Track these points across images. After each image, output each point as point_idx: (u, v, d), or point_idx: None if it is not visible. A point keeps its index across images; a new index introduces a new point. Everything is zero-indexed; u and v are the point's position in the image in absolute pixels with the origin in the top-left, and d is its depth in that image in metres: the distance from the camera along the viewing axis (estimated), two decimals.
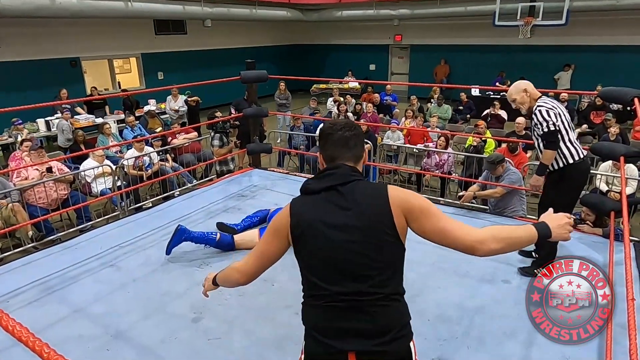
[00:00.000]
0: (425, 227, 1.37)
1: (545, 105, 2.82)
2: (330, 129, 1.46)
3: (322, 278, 1.37)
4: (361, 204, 1.35)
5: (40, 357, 0.69)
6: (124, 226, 3.95)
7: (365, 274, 1.33)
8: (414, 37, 14.88)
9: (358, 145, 1.46)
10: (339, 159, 1.43)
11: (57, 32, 9.86)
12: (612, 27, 11.73)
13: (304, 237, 1.39)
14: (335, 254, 1.34)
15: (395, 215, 1.34)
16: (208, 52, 13.54)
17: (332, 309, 1.35)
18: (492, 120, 8.61)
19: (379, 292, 1.33)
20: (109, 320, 2.64)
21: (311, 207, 1.40)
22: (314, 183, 1.44)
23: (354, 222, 1.34)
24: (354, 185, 1.39)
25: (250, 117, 5.33)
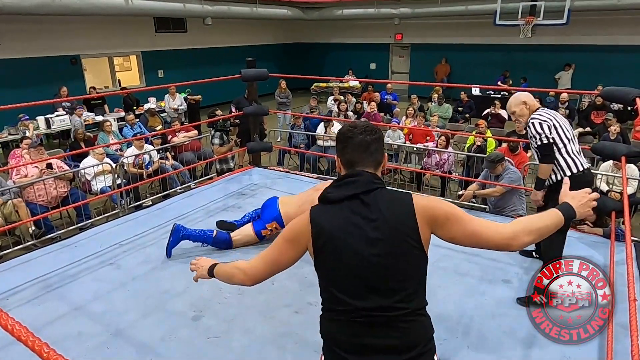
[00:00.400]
0: (454, 232, 1.33)
1: (539, 117, 2.76)
2: (350, 132, 1.37)
3: (344, 292, 1.31)
4: (386, 215, 1.29)
5: (40, 356, 0.69)
6: (123, 224, 3.95)
7: (390, 288, 1.29)
8: (414, 36, 14.86)
9: (379, 150, 1.39)
10: (359, 164, 1.36)
11: (57, 30, 9.85)
12: (612, 27, 11.72)
13: (327, 249, 1.33)
14: (359, 267, 1.29)
15: (420, 226, 1.30)
16: (208, 50, 13.53)
17: (355, 324, 1.31)
18: (493, 120, 8.60)
19: (405, 307, 1.29)
20: (108, 319, 2.64)
21: (334, 217, 1.33)
22: (334, 191, 1.37)
23: (378, 234, 1.28)
24: (377, 193, 1.33)
25: (251, 116, 5.32)
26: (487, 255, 3.34)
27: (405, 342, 1.30)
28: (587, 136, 7.53)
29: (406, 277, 1.30)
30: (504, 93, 11.28)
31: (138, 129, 7.38)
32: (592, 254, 3.31)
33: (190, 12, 11.16)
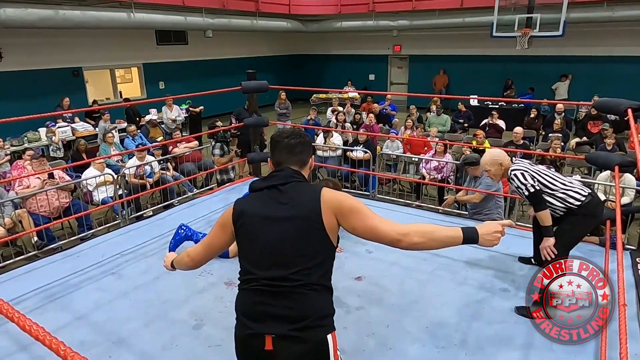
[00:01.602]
0: (355, 224, 1.46)
1: (518, 169, 2.80)
2: (278, 137, 1.61)
3: (253, 264, 1.48)
4: (296, 200, 1.48)
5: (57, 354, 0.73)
6: (125, 234, 3.99)
7: (290, 261, 1.43)
8: (412, 47, 15.03)
9: (304, 152, 1.60)
10: (284, 163, 1.58)
11: (59, 42, 9.97)
12: (608, 38, 11.88)
13: (242, 229, 1.52)
14: (266, 242, 1.46)
15: (324, 214, 1.45)
16: (209, 62, 13.67)
17: (257, 292, 1.45)
18: (491, 130, 8.68)
19: (300, 279, 1.42)
20: (110, 327, 2.67)
21: (252, 202, 1.55)
22: (259, 182, 1.60)
23: (287, 214, 1.46)
24: (294, 185, 1.52)
25: (251, 127, 5.39)
26: (485, 264, 3.39)
27: (295, 312, 1.41)
28: (584, 146, 7.59)
29: (305, 254, 1.44)
30: (502, 103, 11.39)
31: (139, 140, 7.45)
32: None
33: (191, 25, 11.30)
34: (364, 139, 6.72)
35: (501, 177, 2.97)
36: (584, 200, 2.74)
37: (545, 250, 2.71)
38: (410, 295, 3.00)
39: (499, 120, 8.87)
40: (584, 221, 2.79)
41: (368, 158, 6.47)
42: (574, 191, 2.78)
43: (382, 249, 3.54)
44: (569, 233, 2.78)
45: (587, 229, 2.91)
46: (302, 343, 1.41)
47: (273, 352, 1.42)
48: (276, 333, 1.41)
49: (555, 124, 8.07)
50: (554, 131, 7.83)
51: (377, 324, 2.73)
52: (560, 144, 6.40)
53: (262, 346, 1.42)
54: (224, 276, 3.24)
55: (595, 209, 2.80)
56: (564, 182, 2.81)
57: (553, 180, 2.81)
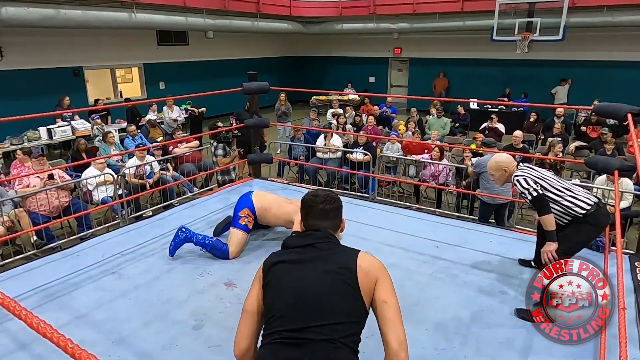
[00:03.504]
0: (376, 307, 1.45)
1: (521, 174, 2.81)
2: (312, 202, 1.58)
3: (277, 316, 1.42)
4: (331, 256, 1.46)
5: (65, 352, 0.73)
6: (125, 234, 3.99)
7: (317, 314, 1.38)
8: (413, 50, 15.07)
9: (337, 217, 1.60)
10: (319, 227, 1.57)
11: (60, 42, 9.98)
12: (608, 43, 11.92)
13: (270, 283, 1.47)
14: (295, 292, 1.41)
15: (359, 274, 1.43)
16: (209, 63, 13.69)
17: (278, 346, 1.39)
18: (490, 134, 8.69)
19: (325, 334, 1.36)
20: (110, 327, 2.67)
21: (283, 258, 1.50)
22: (293, 240, 1.56)
23: (320, 268, 1.43)
24: (330, 244, 1.51)
25: (252, 128, 5.40)
26: (485, 267, 3.39)
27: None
28: (583, 150, 7.61)
29: (334, 309, 1.39)
30: (502, 107, 11.42)
31: (140, 140, 7.45)
32: None
33: (192, 26, 11.32)
34: (364, 141, 6.73)
35: (505, 182, 2.97)
36: (590, 209, 2.72)
37: (546, 254, 2.71)
38: (410, 297, 3.00)
39: (499, 124, 8.89)
40: (588, 230, 2.78)
41: (368, 160, 6.48)
42: (580, 199, 2.75)
43: (382, 251, 3.56)
44: (571, 240, 2.77)
45: (590, 237, 2.90)
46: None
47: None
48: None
49: (555, 128, 8.09)
50: (554, 135, 7.85)
51: (376, 325, 2.72)
52: (561, 148, 6.42)
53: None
54: (224, 277, 3.24)
55: (601, 219, 2.77)
56: (570, 190, 2.79)
57: (558, 187, 2.80)
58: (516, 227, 4.69)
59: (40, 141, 8.24)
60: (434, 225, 4.22)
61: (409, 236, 3.92)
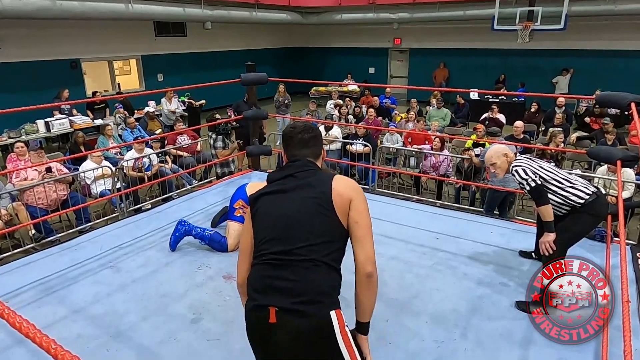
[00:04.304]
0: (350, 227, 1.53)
1: (520, 165, 2.78)
2: (290, 133, 1.67)
3: (264, 242, 1.53)
4: (310, 183, 1.55)
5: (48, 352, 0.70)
6: (123, 227, 3.97)
7: (298, 236, 1.48)
8: (413, 40, 14.94)
9: (317, 145, 1.68)
10: (299, 157, 1.64)
11: (57, 34, 9.88)
12: (610, 32, 11.80)
13: (256, 212, 1.59)
14: (277, 217, 1.53)
15: (334, 197, 1.51)
16: (208, 55, 13.57)
17: (265, 266, 1.50)
18: (491, 124, 8.61)
19: (305, 255, 1.46)
20: (108, 321, 2.65)
21: (266, 189, 1.62)
22: (275, 174, 1.66)
23: (299, 194, 1.54)
24: (309, 172, 1.60)
25: (250, 120, 5.35)
26: (485, 259, 3.37)
27: (299, 286, 1.44)
28: (584, 141, 7.56)
29: (312, 231, 1.49)
30: (502, 97, 11.34)
31: (138, 132, 7.40)
32: (588, 257, 3.33)
33: (190, 17, 11.20)
34: (364, 133, 6.69)
35: (506, 171, 2.93)
36: (588, 199, 2.70)
37: (544, 245, 2.69)
38: (409, 289, 2.98)
39: (499, 115, 8.82)
40: (586, 220, 2.75)
41: (368, 151, 6.44)
42: (578, 189, 2.73)
43: (382, 243, 3.54)
44: (570, 230, 2.75)
45: (589, 227, 2.88)
46: (305, 317, 1.41)
47: (277, 324, 1.42)
48: (279, 306, 1.42)
49: (556, 118, 8.03)
50: (555, 125, 7.80)
51: (376, 318, 2.68)
52: (562, 139, 6.37)
53: (266, 319, 1.43)
54: (223, 270, 3.22)
55: (600, 209, 2.75)
56: (569, 180, 2.77)
57: (557, 177, 2.77)
58: (517, 218, 4.67)
59: (38, 134, 8.17)
60: (434, 216, 4.20)
61: (409, 228, 3.90)
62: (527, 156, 2.96)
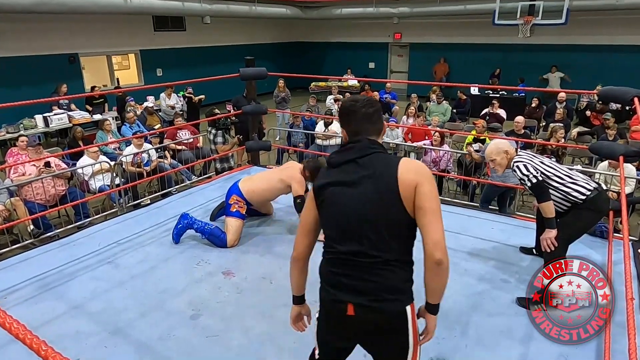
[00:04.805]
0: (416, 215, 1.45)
1: (520, 160, 2.76)
2: (353, 107, 1.55)
3: (332, 238, 1.52)
4: (374, 173, 1.46)
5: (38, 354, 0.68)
6: (122, 223, 3.95)
7: (368, 235, 1.44)
8: (413, 35, 14.86)
9: (380, 120, 1.58)
10: (362, 133, 1.53)
11: (55, 28, 9.81)
12: (611, 27, 11.74)
13: (323, 204, 1.54)
14: (345, 214, 1.47)
15: (401, 185, 1.43)
16: (207, 49, 13.49)
17: (337, 263, 1.50)
18: (491, 119, 8.59)
19: (377, 255, 1.43)
20: (106, 317, 2.64)
21: (331, 178, 1.53)
22: (336, 157, 1.57)
23: (366, 184, 1.46)
24: (372, 157, 1.50)
25: (250, 115, 5.32)
26: (486, 255, 3.35)
27: (373, 287, 1.44)
28: (585, 136, 7.53)
29: (382, 227, 1.44)
30: (503, 92, 11.30)
31: (137, 127, 7.36)
32: (590, 253, 3.32)
33: (189, 11, 11.13)
34: None
35: (506, 167, 2.91)
36: (589, 195, 2.68)
37: (545, 241, 2.67)
38: None
39: (500, 110, 8.79)
40: (588, 215, 2.74)
41: None
42: (579, 185, 2.71)
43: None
44: (571, 226, 2.73)
45: (590, 223, 2.86)
46: (382, 313, 1.44)
47: (354, 317, 1.46)
48: (356, 302, 1.45)
49: (557, 113, 8.00)
50: (556, 121, 7.76)
51: None
52: (563, 134, 6.34)
53: (344, 311, 1.46)
54: (222, 266, 3.20)
55: (601, 204, 2.73)
56: (570, 176, 2.74)
57: (558, 173, 2.75)
58: (517, 214, 4.65)
59: (37, 129, 8.13)
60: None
61: None
62: (529, 152, 2.93)
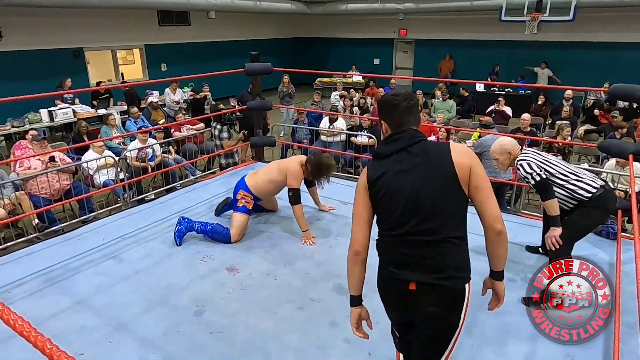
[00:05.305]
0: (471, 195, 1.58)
1: (525, 159, 2.74)
2: (395, 100, 1.67)
3: (393, 222, 1.59)
4: (427, 160, 1.57)
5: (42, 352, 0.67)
6: (126, 218, 3.95)
7: (429, 215, 1.54)
8: (419, 31, 14.77)
9: (418, 112, 1.72)
10: (405, 124, 1.65)
11: (60, 22, 9.81)
12: (619, 24, 11.61)
13: (379, 193, 1.61)
14: (405, 199, 1.56)
15: (457, 166, 1.55)
16: (212, 44, 13.47)
17: (401, 244, 1.58)
18: (497, 117, 8.54)
19: (440, 233, 1.53)
20: (111, 312, 2.64)
21: (383, 169, 1.62)
22: (384, 148, 1.66)
23: (421, 172, 1.56)
24: (421, 144, 1.61)
25: (254, 110, 5.30)
26: None
27: (438, 264, 1.54)
28: (591, 134, 7.47)
29: (442, 207, 1.54)
30: (509, 89, 11.21)
31: (142, 122, 7.36)
32: (597, 252, 3.29)
33: (194, 6, 11.10)
34: (368, 124, 6.62)
35: (509, 167, 2.89)
36: (595, 193, 2.65)
37: (550, 239, 2.65)
38: None
39: (506, 107, 8.72)
40: (593, 214, 2.71)
41: (373, 144, 6.38)
42: (585, 183, 2.68)
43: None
44: (576, 225, 2.70)
45: (596, 222, 2.83)
46: (444, 290, 1.55)
47: (417, 293, 1.56)
48: (420, 280, 1.54)
49: (563, 111, 7.93)
50: (562, 119, 7.70)
51: (380, 312, 2.65)
52: (569, 132, 6.28)
53: (407, 290, 1.56)
54: (226, 262, 3.20)
55: (607, 203, 2.70)
56: (575, 173, 2.72)
57: (562, 171, 2.72)
58: (523, 212, 4.61)
59: (42, 123, 8.15)
60: None
61: None
62: (533, 150, 2.91)
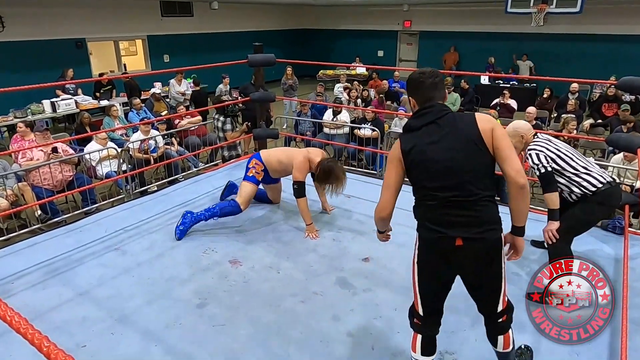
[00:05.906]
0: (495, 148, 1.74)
1: (534, 149, 2.69)
2: (422, 77, 1.81)
3: (430, 188, 1.75)
4: (455, 129, 1.73)
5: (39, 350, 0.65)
6: (129, 209, 3.94)
7: (464, 179, 1.70)
8: (423, 23, 14.63)
9: (444, 88, 1.85)
10: (432, 99, 1.80)
11: (62, 13, 9.76)
12: (626, 16, 11.45)
13: (414, 164, 1.77)
14: (440, 167, 1.72)
15: (482, 132, 1.72)
16: (214, 36, 13.39)
17: (442, 207, 1.74)
18: (502, 110, 8.48)
19: (475, 193, 1.71)
20: (113, 304, 2.63)
21: (416, 140, 1.77)
22: (415, 121, 1.81)
23: (450, 143, 1.72)
24: (448, 116, 1.76)
25: (257, 102, 5.26)
26: None
27: (478, 220, 1.72)
28: (597, 128, 7.39)
29: (474, 170, 1.72)
30: (514, 82, 11.11)
31: (144, 113, 7.33)
32: (603, 248, 3.26)
33: None
34: (372, 117, 6.57)
35: (520, 151, 2.82)
36: (601, 188, 2.60)
37: (547, 233, 2.63)
38: None
39: (511, 100, 8.66)
40: (595, 209, 2.66)
41: (376, 136, 6.34)
42: (593, 177, 2.63)
43: (391, 231, 3.46)
44: (576, 218, 2.67)
45: (597, 217, 2.79)
46: (485, 241, 1.73)
47: (462, 246, 1.72)
48: (465, 236, 1.71)
49: (569, 104, 7.85)
50: (568, 112, 7.63)
51: (384, 306, 2.67)
52: (575, 125, 6.22)
53: (453, 245, 1.73)
54: (229, 255, 3.18)
55: (612, 199, 2.65)
56: (585, 166, 2.67)
57: (572, 163, 2.66)
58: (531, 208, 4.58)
59: (44, 114, 8.14)
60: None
61: None
62: (547, 138, 2.82)
